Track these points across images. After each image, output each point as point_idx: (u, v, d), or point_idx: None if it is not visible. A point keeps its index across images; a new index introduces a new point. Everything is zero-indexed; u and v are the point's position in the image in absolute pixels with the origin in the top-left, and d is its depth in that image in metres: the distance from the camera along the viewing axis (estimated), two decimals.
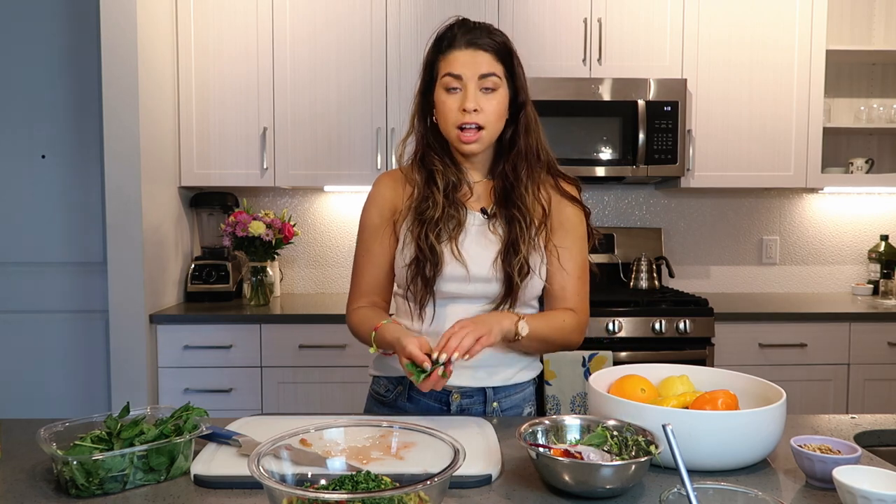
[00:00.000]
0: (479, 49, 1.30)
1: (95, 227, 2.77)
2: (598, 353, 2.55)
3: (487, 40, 1.31)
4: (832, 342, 2.71)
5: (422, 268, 1.32)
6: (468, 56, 1.30)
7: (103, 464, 0.94)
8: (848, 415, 1.34)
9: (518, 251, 1.32)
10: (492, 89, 1.31)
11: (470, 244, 1.35)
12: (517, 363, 1.40)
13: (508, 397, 1.40)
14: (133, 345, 2.54)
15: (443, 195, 1.35)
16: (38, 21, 2.73)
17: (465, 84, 1.30)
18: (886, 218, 3.33)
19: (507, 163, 1.37)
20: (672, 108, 2.82)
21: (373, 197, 1.44)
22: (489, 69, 1.30)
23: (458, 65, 1.30)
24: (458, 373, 1.34)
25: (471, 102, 1.29)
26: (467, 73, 1.30)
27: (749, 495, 0.79)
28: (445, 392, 1.37)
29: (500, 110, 1.33)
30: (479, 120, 1.31)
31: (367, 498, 0.76)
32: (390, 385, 1.42)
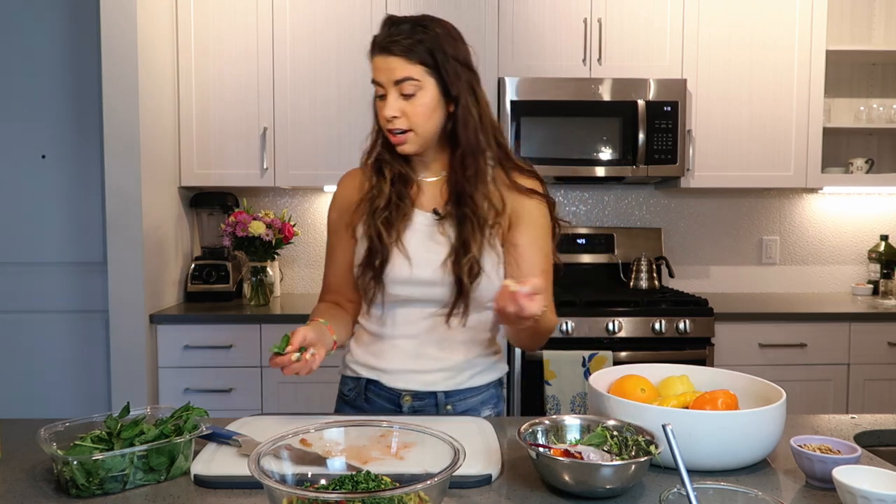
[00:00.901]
0: (391, 54, 1.26)
1: (95, 227, 2.76)
2: (598, 353, 2.55)
3: (400, 43, 1.26)
4: (832, 342, 2.71)
5: (372, 259, 1.32)
6: (382, 62, 1.28)
7: (103, 464, 0.94)
8: (848, 415, 1.34)
9: (468, 251, 1.28)
10: (411, 94, 1.27)
11: (416, 245, 1.32)
12: (471, 368, 1.38)
13: (463, 401, 1.38)
14: (133, 345, 2.54)
15: (389, 185, 1.34)
16: (38, 21, 2.73)
17: (388, 90, 1.28)
18: (886, 218, 3.33)
19: (454, 160, 1.32)
20: (672, 108, 2.82)
21: (334, 196, 1.46)
22: (403, 74, 1.26)
23: (376, 72, 1.29)
24: (407, 376, 1.35)
25: (389, 110, 1.27)
26: (384, 79, 1.28)
27: (749, 495, 0.79)
28: (396, 394, 1.37)
29: (425, 112, 1.28)
30: (401, 125, 1.28)
31: (367, 498, 0.76)
32: (352, 384, 1.44)
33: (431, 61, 1.27)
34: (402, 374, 1.36)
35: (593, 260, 3.18)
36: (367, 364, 1.39)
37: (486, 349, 1.41)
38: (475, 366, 1.38)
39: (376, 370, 1.38)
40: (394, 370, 1.36)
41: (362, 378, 1.40)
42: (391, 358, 1.37)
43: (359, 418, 1.28)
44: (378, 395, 1.39)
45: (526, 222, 1.34)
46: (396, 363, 1.36)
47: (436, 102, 1.29)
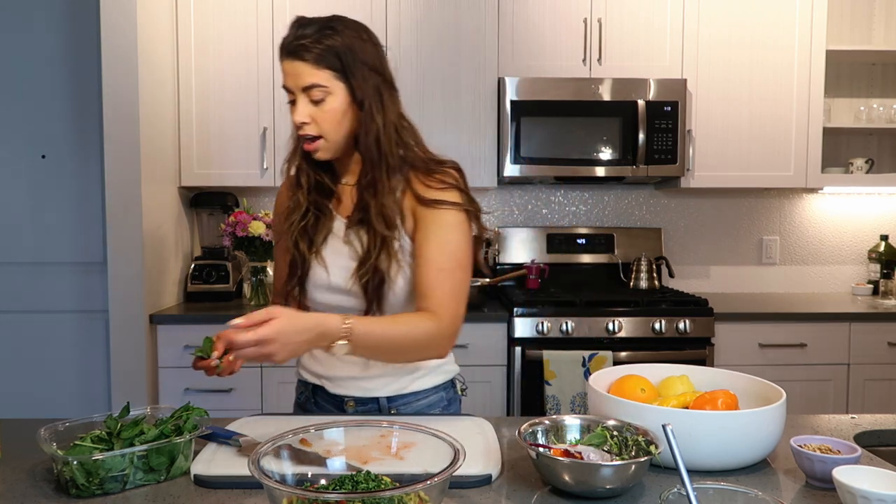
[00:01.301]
0: (298, 59, 1.22)
1: (95, 227, 2.76)
2: (598, 353, 2.55)
3: (306, 47, 1.21)
4: (832, 342, 2.71)
5: (294, 270, 1.32)
6: (290, 67, 1.24)
7: (103, 464, 0.94)
8: (848, 415, 1.34)
9: (368, 259, 1.24)
10: (320, 99, 1.23)
11: (332, 252, 1.31)
12: (413, 372, 1.35)
13: (408, 405, 1.36)
14: (133, 345, 2.54)
15: (306, 195, 1.32)
16: (38, 21, 2.73)
17: (297, 96, 1.24)
18: (886, 218, 3.33)
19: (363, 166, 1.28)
20: (672, 108, 2.82)
21: (275, 205, 1.47)
22: (310, 80, 1.22)
23: (285, 77, 1.25)
24: (348, 382, 1.35)
25: (298, 116, 1.24)
26: (292, 85, 1.24)
27: (749, 495, 0.79)
28: (340, 399, 1.36)
29: (334, 117, 1.24)
30: (311, 131, 1.24)
31: (367, 498, 0.76)
32: (302, 388, 1.45)
33: (339, 66, 1.23)
34: (343, 380, 1.35)
35: (593, 260, 3.18)
36: (312, 371, 1.40)
37: None
38: (416, 370, 1.35)
39: (320, 377, 1.38)
40: (335, 377, 1.36)
41: (310, 384, 1.41)
42: (332, 365, 1.36)
43: (359, 418, 1.28)
44: (325, 399, 1.39)
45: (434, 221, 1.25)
46: (338, 370, 1.35)
47: (345, 108, 1.25)
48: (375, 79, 1.26)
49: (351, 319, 1.13)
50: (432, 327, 1.20)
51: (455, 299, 1.24)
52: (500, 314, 2.65)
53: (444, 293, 1.22)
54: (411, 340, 1.20)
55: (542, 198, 3.28)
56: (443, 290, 1.22)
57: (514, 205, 3.28)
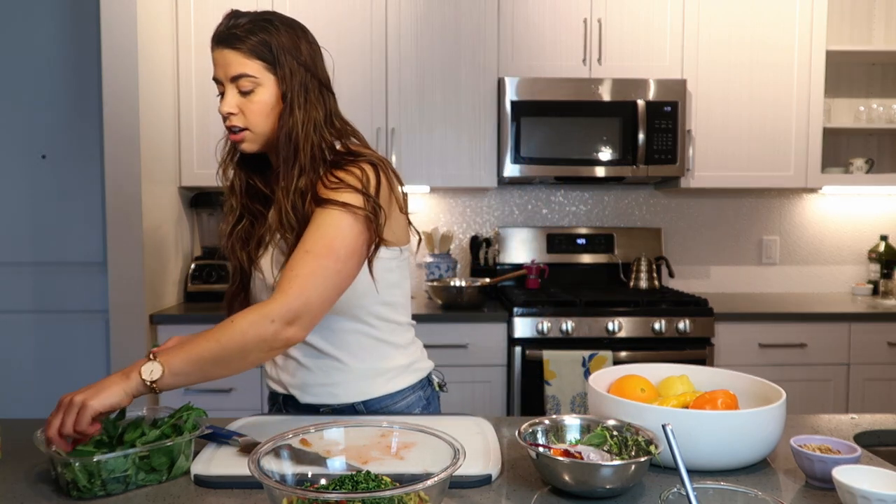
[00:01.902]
0: (228, 48, 1.19)
1: (95, 227, 2.76)
2: (598, 353, 2.55)
3: (237, 37, 1.19)
4: (832, 342, 2.71)
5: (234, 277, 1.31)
6: (220, 56, 1.20)
7: (106, 465, 0.94)
8: (848, 415, 1.34)
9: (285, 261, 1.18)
10: (249, 90, 1.20)
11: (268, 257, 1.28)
12: (383, 374, 1.32)
13: (386, 408, 1.32)
14: (133, 345, 2.54)
15: (239, 198, 1.30)
16: (38, 21, 2.73)
17: (226, 87, 1.22)
18: (886, 218, 3.33)
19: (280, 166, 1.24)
20: (672, 108, 2.82)
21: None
22: (239, 70, 1.19)
23: (215, 67, 1.22)
24: (319, 390, 1.31)
25: (225, 106, 1.21)
26: (221, 75, 1.21)
27: (749, 495, 0.79)
28: (314, 409, 1.32)
29: (262, 110, 1.21)
30: (238, 123, 1.22)
31: (367, 498, 0.76)
32: (274, 399, 1.40)
33: (271, 58, 1.20)
34: (312, 388, 1.31)
35: (593, 260, 3.18)
36: (278, 380, 1.35)
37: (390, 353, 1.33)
38: (384, 373, 1.32)
39: (287, 386, 1.33)
40: (303, 385, 1.31)
41: (279, 394, 1.36)
42: (297, 373, 1.31)
43: (359, 418, 1.28)
44: (297, 409, 1.35)
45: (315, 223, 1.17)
46: (304, 378, 1.31)
47: (275, 101, 1.21)
48: (304, 75, 1.22)
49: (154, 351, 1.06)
50: (255, 317, 1.07)
51: (313, 282, 1.11)
52: (500, 314, 2.65)
53: (298, 274, 1.11)
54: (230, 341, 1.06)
55: (542, 198, 3.28)
56: (298, 271, 1.12)
57: (514, 205, 3.28)
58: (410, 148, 2.87)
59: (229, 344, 1.06)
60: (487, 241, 3.16)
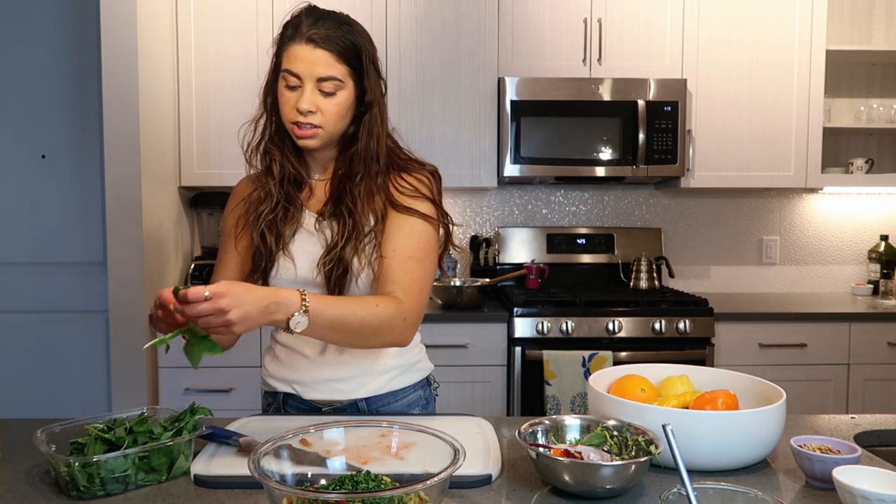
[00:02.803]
0: (319, 48, 1.19)
1: (95, 227, 2.76)
2: (598, 353, 2.55)
3: (331, 38, 1.20)
4: (832, 342, 2.71)
5: (258, 262, 1.28)
6: (307, 53, 1.19)
7: (105, 465, 0.94)
8: (848, 415, 1.34)
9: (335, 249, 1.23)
10: (331, 92, 1.21)
11: (301, 244, 1.29)
12: (389, 371, 1.33)
13: (386, 406, 1.33)
14: (133, 345, 2.54)
15: (278, 186, 1.29)
16: (38, 21, 2.73)
17: (304, 83, 1.21)
18: (886, 218, 3.33)
19: (343, 162, 1.29)
20: (672, 108, 2.82)
21: (231, 200, 1.41)
22: (327, 72, 1.20)
23: (296, 62, 1.20)
24: (322, 386, 1.30)
25: (305, 104, 1.20)
26: (305, 73, 1.20)
27: (749, 495, 0.79)
28: (317, 408, 1.32)
29: (340, 111, 1.24)
30: (314, 121, 1.22)
31: (367, 498, 0.76)
32: (269, 399, 1.40)
33: (357, 64, 1.24)
34: (317, 384, 1.31)
35: (593, 260, 3.18)
36: (281, 377, 1.34)
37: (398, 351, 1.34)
38: (391, 369, 1.33)
39: (291, 383, 1.33)
40: (308, 381, 1.31)
41: (279, 392, 1.36)
42: (303, 368, 1.31)
43: (359, 418, 1.28)
44: (296, 408, 1.34)
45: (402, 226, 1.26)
46: (310, 373, 1.31)
47: (350, 104, 1.25)
48: (378, 80, 1.28)
49: (307, 293, 1.08)
50: (394, 311, 1.16)
51: (421, 288, 1.22)
52: (500, 314, 2.65)
53: (413, 279, 1.21)
54: (370, 322, 1.14)
55: (542, 198, 3.28)
56: (412, 276, 1.21)
57: (514, 205, 3.28)
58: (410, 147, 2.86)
59: (368, 323, 1.14)
60: (487, 240, 3.16)
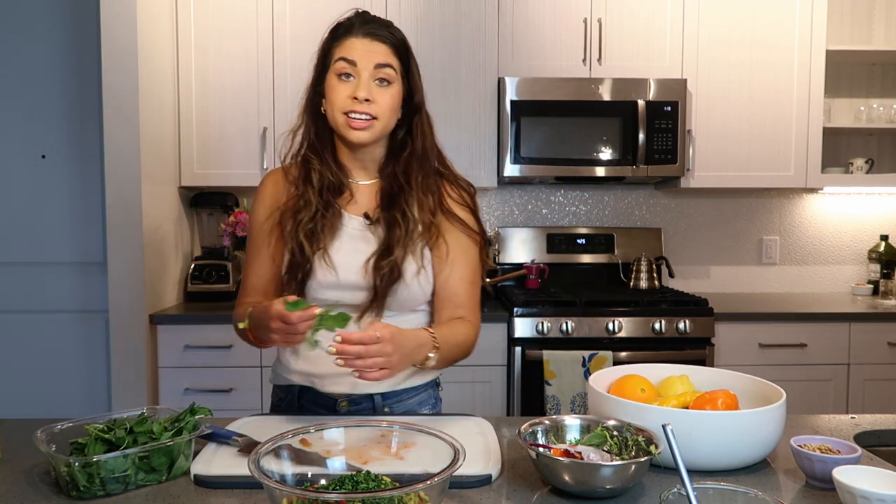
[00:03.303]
0: (377, 40, 1.25)
1: (95, 227, 2.76)
2: (598, 353, 2.55)
3: (386, 33, 1.26)
4: (832, 342, 2.71)
5: (294, 271, 1.28)
6: (365, 44, 1.24)
7: (105, 465, 0.94)
8: (848, 415, 1.34)
9: (390, 254, 1.26)
10: (387, 81, 1.25)
11: (345, 250, 1.29)
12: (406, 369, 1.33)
13: (400, 402, 1.35)
14: (133, 345, 2.54)
15: (317, 195, 1.29)
16: (38, 21, 2.73)
17: (359, 72, 1.23)
18: (886, 218, 3.33)
19: (396, 164, 1.31)
20: (672, 108, 2.82)
21: (259, 195, 1.39)
22: (385, 59, 1.25)
23: (353, 51, 1.24)
24: (342, 380, 1.31)
25: (363, 91, 1.22)
26: (362, 60, 1.24)
27: (749, 495, 0.79)
28: (333, 399, 1.34)
29: (393, 105, 1.27)
30: (371, 110, 1.24)
31: (367, 498, 0.76)
32: (282, 394, 1.40)
33: (407, 62, 1.29)
34: (336, 377, 1.31)
35: (593, 260, 3.18)
36: (299, 371, 1.35)
37: None
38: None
39: (309, 376, 1.34)
40: (327, 374, 1.32)
41: (294, 386, 1.36)
42: (322, 362, 1.30)
43: (359, 418, 1.28)
44: (313, 401, 1.35)
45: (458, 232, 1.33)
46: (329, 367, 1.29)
47: (399, 102, 1.29)
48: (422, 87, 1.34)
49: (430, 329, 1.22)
50: (474, 334, 1.33)
51: (479, 305, 1.37)
52: (500, 314, 2.65)
53: (476, 303, 1.36)
54: (464, 346, 1.30)
55: (542, 198, 3.28)
56: (474, 301, 1.35)
57: (514, 205, 3.28)
58: None
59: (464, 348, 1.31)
60: (487, 240, 3.15)
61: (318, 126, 1.32)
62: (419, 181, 1.30)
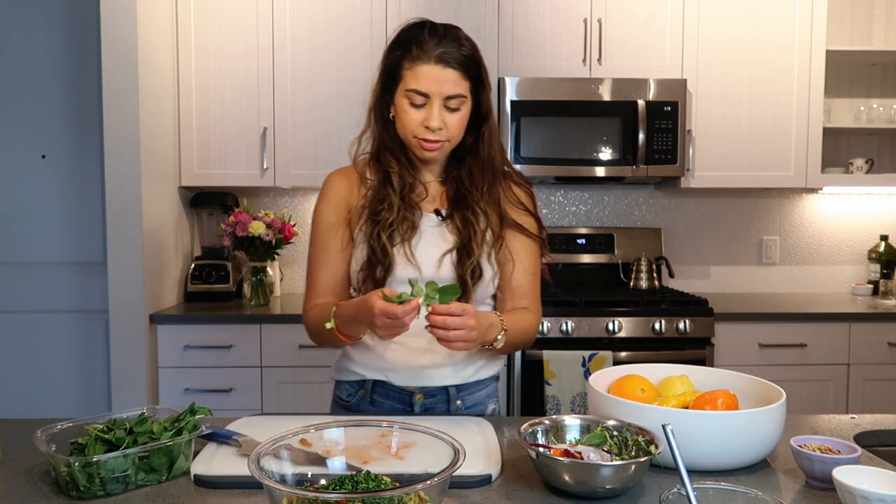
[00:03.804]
0: (449, 67, 1.27)
1: (95, 227, 2.76)
2: (598, 353, 2.55)
3: (457, 55, 1.27)
4: (832, 342, 2.71)
5: (373, 269, 1.31)
6: (437, 73, 1.26)
7: (105, 465, 0.94)
8: (848, 415, 1.34)
9: (471, 254, 1.31)
10: (456, 108, 1.29)
11: (424, 246, 1.34)
12: (478, 360, 1.40)
13: (471, 395, 1.40)
14: (133, 345, 2.54)
15: (398, 197, 1.33)
16: (39, 21, 2.73)
17: (431, 101, 1.27)
18: (886, 218, 3.33)
19: (463, 169, 1.37)
20: (672, 108, 2.82)
21: (325, 195, 1.42)
22: (455, 90, 1.27)
23: (425, 82, 1.27)
24: (418, 373, 1.35)
25: (435, 121, 1.27)
26: (433, 90, 1.27)
27: (749, 495, 0.79)
28: (408, 393, 1.36)
29: (462, 125, 1.32)
30: (441, 136, 1.29)
31: (367, 498, 0.76)
32: (352, 390, 1.41)
33: (478, 78, 1.31)
34: (411, 370, 1.35)
35: (593, 260, 3.18)
36: (372, 365, 1.38)
37: None
38: (480, 359, 1.40)
39: (384, 370, 1.37)
40: (402, 368, 1.35)
41: (367, 380, 1.38)
42: (399, 356, 1.35)
43: (359, 418, 1.28)
44: (386, 396, 1.38)
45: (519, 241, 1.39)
46: (405, 361, 1.36)
47: (467, 117, 1.32)
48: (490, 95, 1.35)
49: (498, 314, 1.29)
50: (536, 323, 1.40)
51: (540, 299, 1.43)
52: None
53: (537, 294, 1.42)
54: (528, 333, 1.37)
55: (542, 198, 3.28)
56: (536, 292, 1.42)
57: None
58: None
59: (528, 335, 1.38)
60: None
61: (388, 131, 1.36)
62: (484, 189, 1.35)
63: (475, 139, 1.36)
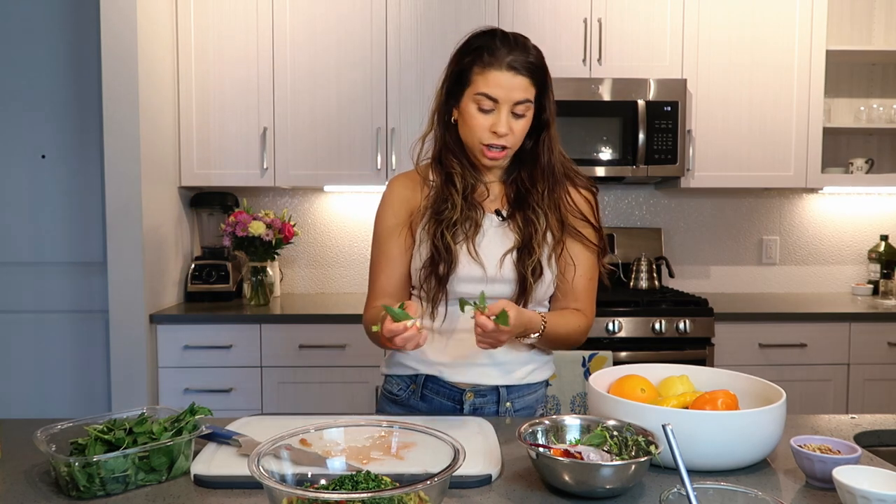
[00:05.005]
0: (519, 74, 1.29)
1: (95, 227, 2.76)
2: (598, 353, 2.54)
3: (526, 63, 1.29)
4: (832, 342, 2.71)
5: (436, 267, 1.34)
6: (507, 79, 1.28)
7: (105, 465, 0.94)
8: (848, 415, 1.34)
9: (532, 253, 1.33)
10: (522, 115, 1.32)
11: (487, 244, 1.36)
12: (531, 362, 1.41)
13: (521, 397, 1.41)
14: (133, 345, 2.54)
15: (461, 197, 1.36)
16: (39, 21, 2.73)
17: (500, 107, 1.30)
18: (886, 218, 3.33)
19: (523, 171, 1.39)
20: (672, 108, 2.82)
21: (387, 198, 1.45)
22: (524, 96, 1.30)
23: (496, 88, 1.29)
24: (470, 370, 1.37)
25: (503, 127, 1.30)
26: (503, 97, 1.29)
27: (749, 495, 0.79)
28: (459, 391, 1.38)
29: (525, 130, 1.34)
30: (506, 142, 1.32)
31: (367, 498, 0.76)
32: (402, 384, 1.44)
33: (543, 85, 1.33)
34: (463, 367, 1.37)
35: None
36: (426, 360, 1.39)
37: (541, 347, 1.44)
38: (531, 362, 1.42)
39: (437, 365, 1.38)
40: (455, 364, 1.37)
41: (420, 374, 1.40)
42: (453, 352, 1.37)
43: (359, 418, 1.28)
44: (437, 392, 1.40)
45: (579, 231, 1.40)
46: (458, 357, 1.37)
47: (530, 123, 1.34)
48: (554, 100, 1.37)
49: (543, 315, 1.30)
50: (585, 326, 1.40)
51: (594, 301, 1.45)
52: None
53: (591, 299, 1.43)
54: (574, 335, 1.38)
55: None
56: (591, 296, 1.43)
57: None
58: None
59: (575, 337, 1.39)
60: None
61: (451, 133, 1.38)
62: (544, 193, 1.37)
63: (534, 143, 1.37)
